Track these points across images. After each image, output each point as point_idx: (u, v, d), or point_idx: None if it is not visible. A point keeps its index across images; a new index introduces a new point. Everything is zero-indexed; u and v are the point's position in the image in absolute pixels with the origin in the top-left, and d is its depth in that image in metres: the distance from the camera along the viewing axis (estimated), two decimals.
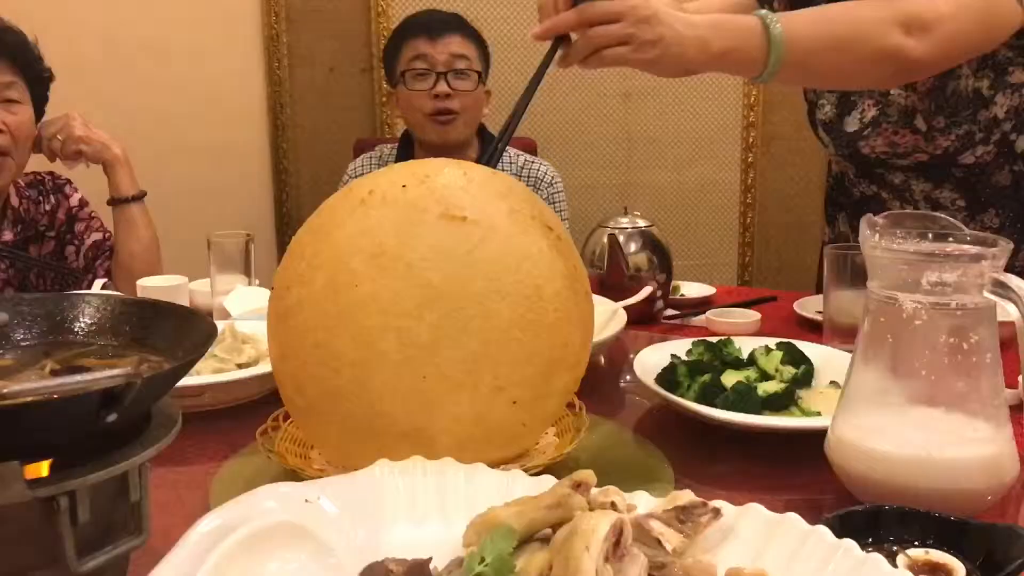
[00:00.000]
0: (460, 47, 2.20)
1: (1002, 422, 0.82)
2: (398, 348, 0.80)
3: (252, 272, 1.55)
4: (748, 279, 3.28)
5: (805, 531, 0.65)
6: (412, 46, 2.21)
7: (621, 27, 1.07)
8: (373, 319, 0.80)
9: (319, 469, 0.88)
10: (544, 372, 0.84)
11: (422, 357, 0.80)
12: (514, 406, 0.83)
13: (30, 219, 1.88)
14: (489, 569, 0.61)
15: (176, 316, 0.78)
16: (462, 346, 0.80)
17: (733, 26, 1.16)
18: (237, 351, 1.21)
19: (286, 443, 0.93)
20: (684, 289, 1.74)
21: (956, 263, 0.78)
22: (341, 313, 0.82)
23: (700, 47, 1.11)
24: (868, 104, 1.55)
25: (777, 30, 1.13)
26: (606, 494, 0.70)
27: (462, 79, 2.20)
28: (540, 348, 0.83)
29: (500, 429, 0.84)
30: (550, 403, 0.87)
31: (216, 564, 0.59)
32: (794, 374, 1.14)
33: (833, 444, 0.87)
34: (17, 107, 1.77)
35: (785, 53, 1.14)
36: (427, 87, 2.18)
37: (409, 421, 0.82)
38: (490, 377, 0.81)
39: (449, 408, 0.81)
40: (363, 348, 0.81)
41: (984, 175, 1.54)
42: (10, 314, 0.79)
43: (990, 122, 1.48)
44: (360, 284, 0.81)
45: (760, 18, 1.16)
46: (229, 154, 3.14)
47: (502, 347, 0.81)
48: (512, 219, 0.85)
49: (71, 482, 0.60)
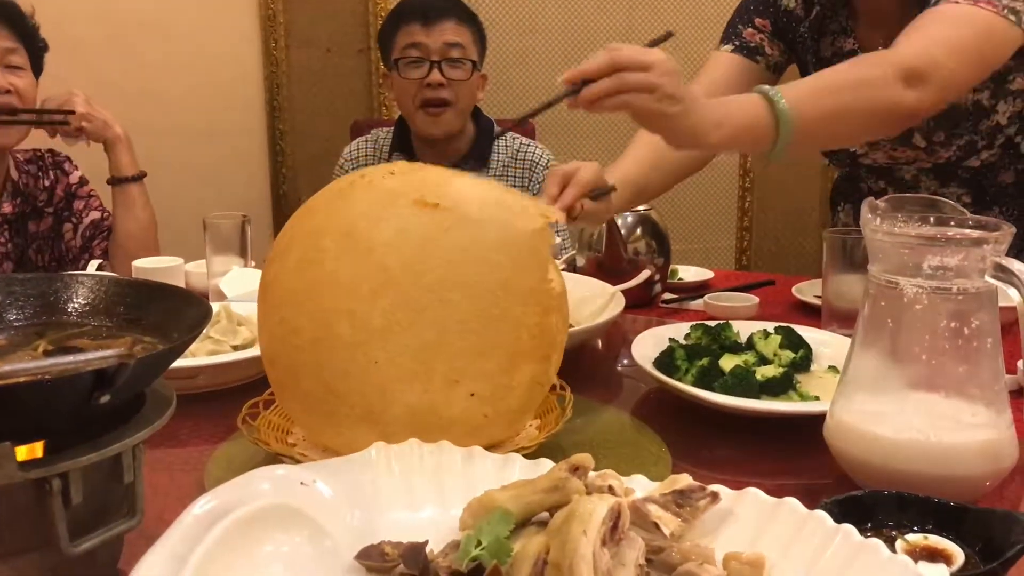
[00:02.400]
0: (455, 34, 2.18)
1: (1002, 408, 0.81)
2: (351, 331, 0.79)
3: (248, 253, 1.54)
4: (746, 264, 3.27)
5: (803, 516, 0.65)
6: (406, 32, 2.18)
7: (648, 76, 1.06)
8: (331, 300, 0.80)
9: (301, 453, 0.87)
10: (505, 367, 0.82)
11: (373, 342, 0.79)
12: (472, 398, 0.81)
13: (28, 193, 1.88)
14: (486, 552, 0.60)
15: (170, 297, 0.77)
16: (415, 335, 0.79)
17: (739, 103, 1.15)
18: (232, 333, 1.20)
19: (269, 429, 0.93)
20: (682, 273, 1.74)
21: (958, 247, 0.77)
22: (305, 290, 0.81)
23: (715, 123, 1.11)
24: None
25: (783, 105, 1.13)
26: (603, 478, 0.69)
27: (456, 68, 2.18)
28: (501, 342, 0.81)
29: (460, 420, 0.82)
30: (515, 395, 0.84)
31: (211, 547, 0.59)
32: (792, 358, 1.13)
33: (832, 428, 0.87)
34: (22, 72, 1.78)
35: (794, 126, 1.14)
36: (420, 75, 2.16)
37: (364, 405, 0.81)
38: (444, 368, 0.80)
39: (402, 396, 0.80)
40: (320, 328, 0.80)
41: (991, 174, 1.54)
42: (3, 294, 0.78)
43: (993, 129, 1.48)
44: (324, 263, 0.80)
45: (762, 95, 1.15)
46: (225, 135, 3.13)
47: (458, 339, 0.79)
48: (490, 211, 0.82)
49: (64, 463, 0.60)
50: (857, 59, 1.25)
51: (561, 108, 1.13)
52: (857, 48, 1.53)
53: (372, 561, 0.64)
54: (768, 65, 1.59)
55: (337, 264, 0.80)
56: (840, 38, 1.56)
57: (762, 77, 1.58)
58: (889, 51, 1.24)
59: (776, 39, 1.59)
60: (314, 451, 0.88)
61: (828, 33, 1.56)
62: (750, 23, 1.58)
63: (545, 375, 0.86)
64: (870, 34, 1.52)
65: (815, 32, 1.56)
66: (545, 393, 0.91)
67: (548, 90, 1.14)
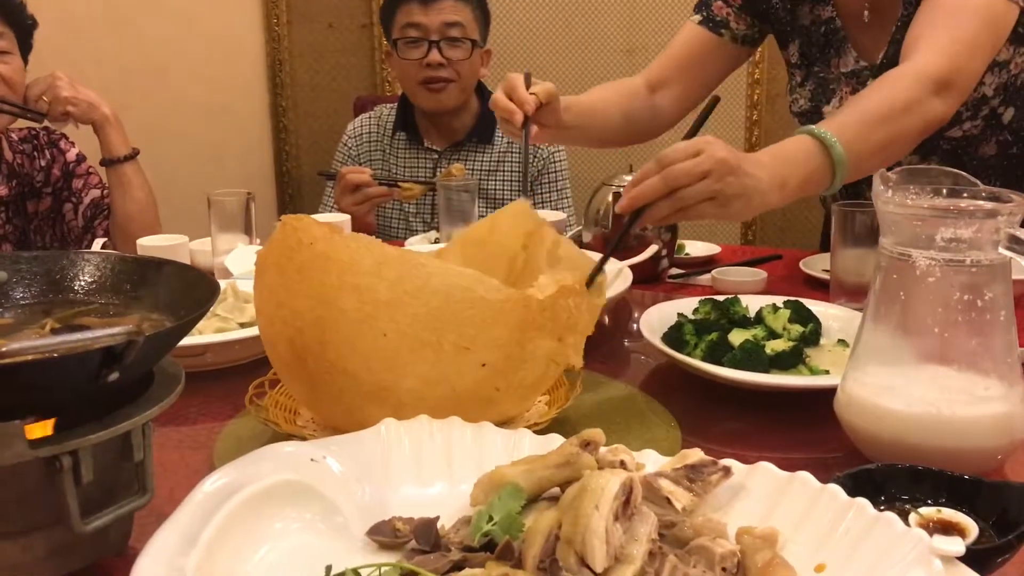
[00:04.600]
0: (453, 13, 2.16)
1: (1014, 380, 0.81)
2: (358, 306, 0.78)
3: (253, 231, 1.54)
4: (752, 238, 3.26)
5: (816, 489, 0.65)
6: (405, 11, 2.17)
7: (708, 184, 1.03)
8: (334, 276, 0.78)
9: (312, 434, 0.87)
10: (517, 337, 0.81)
11: (381, 315, 0.78)
12: (484, 368, 0.80)
13: (24, 174, 1.85)
14: (498, 528, 0.60)
15: (177, 274, 0.76)
16: (423, 303, 0.78)
17: (796, 155, 1.13)
18: (239, 310, 1.20)
19: (277, 410, 0.93)
20: (689, 248, 1.73)
21: (971, 219, 0.76)
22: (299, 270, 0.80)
23: (778, 187, 1.09)
24: (845, 92, 1.55)
25: (839, 151, 1.13)
26: (615, 453, 0.69)
27: (455, 47, 2.16)
28: (511, 308, 0.80)
29: (470, 392, 0.81)
30: (529, 370, 0.83)
31: (221, 523, 0.58)
32: (802, 332, 1.13)
33: (843, 402, 0.86)
34: (8, 57, 1.74)
35: (849, 165, 1.14)
36: (419, 56, 2.15)
37: (373, 381, 0.80)
38: (454, 336, 0.79)
39: (413, 368, 0.79)
40: (321, 305, 0.79)
41: (971, 147, 1.53)
42: (9, 272, 0.78)
43: (978, 100, 1.47)
44: (315, 245, 0.79)
45: (816, 138, 1.14)
46: (227, 112, 3.11)
47: (467, 306, 0.78)
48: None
49: (73, 441, 0.59)
50: (887, 80, 1.23)
51: (564, 80, 1.13)
52: (835, 15, 1.53)
53: (384, 537, 0.64)
54: (734, 38, 1.61)
55: (329, 244, 0.79)
56: (818, 6, 1.55)
57: (726, 50, 1.62)
58: (913, 64, 1.23)
59: (744, 12, 1.60)
60: (324, 431, 0.88)
61: (805, 1, 1.56)
62: None
63: (561, 355, 0.85)
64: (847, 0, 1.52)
65: (789, 2, 1.56)
66: (559, 373, 0.91)
67: (553, 66, 1.13)
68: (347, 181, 2.02)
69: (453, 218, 1.65)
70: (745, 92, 3.15)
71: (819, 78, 1.59)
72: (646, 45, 3.10)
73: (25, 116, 1.77)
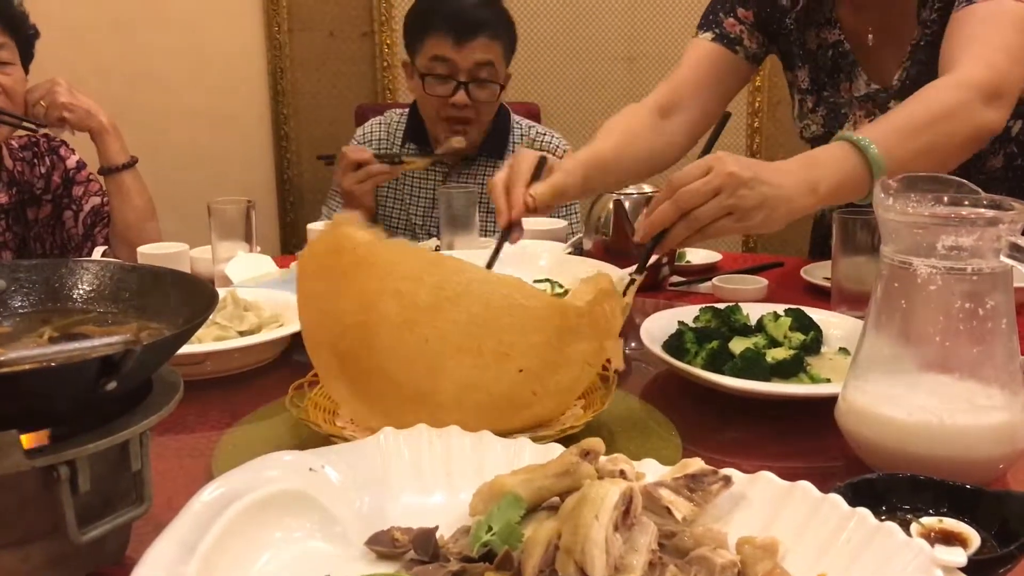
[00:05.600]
0: (485, 52, 2.07)
1: (1016, 389, 0.80)
2: (399, 311, 0.79)
3: (254, 239, 1.54)
4: (753, 246, 3.26)
5: (817, 499, 0.64)
6: (435, 44, 2.07)
7: (720, 201, 1.02)
8: (375, 281, 0.79)
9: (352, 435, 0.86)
10: (554, 342, 0.82)
11: (422, 320, 0.79)
12: (521, 373, 0.81)
13: (24, 181, 1.85)
14: (497, 538, 0.60)
15: (176, 283, 0.76)
16: (464, 309, 0.78)
17: (829, 160, 1.12)
18: (239, 318, 1.20)
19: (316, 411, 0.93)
20: (690, 256, 1.73)
21: (972, 227, 0.76)
22: (343, 275, 0.81)
23: (807, 192, 1.07)
24: (859, 116, 1.54)
25: (874, 152, 1.10)
26: (615, 462, 0.69)
27: (483, 88, 2.10)
28: (550, 315, 0.81)
29: (508, 397, 0.82)
30: (565, 373, 0.84)
31: (220, 533, 0.58)
32: (803, 340, 1.12)
33: (844, 411, 0.86)
34: (10, 68, 1.74)
35: (887, 172, 1.10)
36: (446, 93, 2.09)
37: (413, 385, 0.81)
38: (494, 343, 0.80)
39: (451, 372, 0.80)
40: (363, 310, 0.80)
41: (978, 160, 1.52)
42: (7, 281, 0.77)
43: None
44: (356, 250, 0.80)
45: (851, 143, 1.12)
46: (229, 120, 3.12)
47: (506, 313, 0.79)
48: None
49: (71, 451, 0.59)
50: (928, 90, 1.21)
51: (565, 88, 1.12)
52: (843, 39, 1.53)
53: (382, 547, 0.64)
54: (747, 56, 1.58)
55: (371, 249, 0.80)
56: (825, 29, 1.54)
57: (740, 68, 1.58)
58: (957, 74, 1.22)
59: (757, 31, 1.58)
60: (363, 432, 0.88)
61: (813, 24, 1.55)
62: (732, 13, 1.57)
63: (596, 357, 0.86)
64: (853, 21, 1.51)
65: (801, 23, 1.55)
66: (594, 375, 0.91)
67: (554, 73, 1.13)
68: (349, 159, 2.00)
69: (455, 225, 1.65)
70: (746, 99, 3.16)
71: (830, 103, 1.58)
72: (646, 53, 3.11)
73: (24, 127, 1.77)
